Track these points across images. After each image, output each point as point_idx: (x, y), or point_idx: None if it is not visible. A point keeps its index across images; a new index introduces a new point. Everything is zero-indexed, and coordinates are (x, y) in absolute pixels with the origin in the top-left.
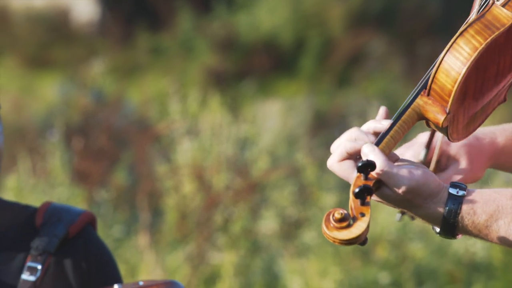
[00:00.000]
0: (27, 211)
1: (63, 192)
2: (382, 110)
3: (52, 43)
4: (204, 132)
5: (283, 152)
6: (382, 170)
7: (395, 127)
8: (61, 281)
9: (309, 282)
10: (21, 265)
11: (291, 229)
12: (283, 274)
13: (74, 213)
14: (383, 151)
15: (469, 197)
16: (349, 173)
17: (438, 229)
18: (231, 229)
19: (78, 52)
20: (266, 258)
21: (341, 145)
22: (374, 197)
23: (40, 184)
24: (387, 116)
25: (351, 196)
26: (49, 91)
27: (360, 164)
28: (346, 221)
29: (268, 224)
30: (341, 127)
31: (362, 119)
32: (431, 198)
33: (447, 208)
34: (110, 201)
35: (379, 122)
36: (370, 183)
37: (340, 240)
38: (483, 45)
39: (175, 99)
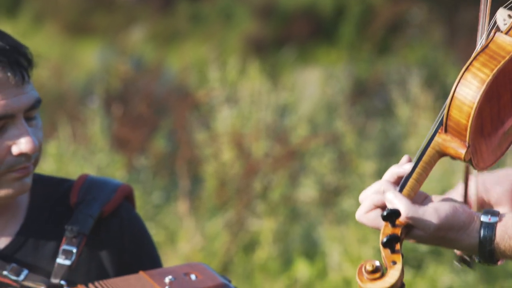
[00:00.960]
0: (62, 187)
1: (102, 159)
2: (405, 158)
3: (92, 10)
4: (243, 100)
5: (322, 120)
6: (407, 216)
7: (417, 169)
8: (97, 262)
9: (348, 249)
10: (55, 248)
11: (330, 197)
12: (322, 241)
13: (110, 188)
14: (408, 195)
15: (502, 222)
16: (377, 222)
17: (477, 259)
18: (270, 196)
19: (118, 19)
20: (305, 225)
21: (368, 198)
22: (411, 239)
23: (80, 150)
24: (410, 161)
25: (380, 246)
26: (89, 58)
27: (384, 214)
28: (378, 272)
29: (307, 192)
30: (381, 95)
31: (402, 87)
32: (464, 230)
33: (481, 236)
34: (150, 168)
35: (401, 166)
36: (398, 230)
37: None
38: (490, 77)
39: (215, 66)
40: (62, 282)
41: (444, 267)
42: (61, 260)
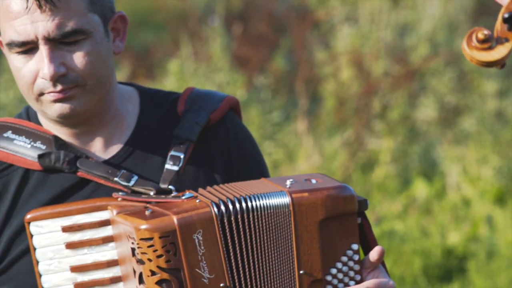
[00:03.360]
0: (170, 98)
1: (223, 77)
2: None
3: None
4: (363, 18)
5: (443, 39)
6: None
7: None
8: (203, 169)
9: (467, 169)
10: (164, 155)
11: (450, 116)
12: (441, 161)
13: (216, 99)
14: None
15: None
16: None
17: None
18: (389, 115)
19: None
20: (423, 145)
21: None
22: None
23: (201, 68)
24: None
25: (499, 18)
26: None
27: None
28: (488, 42)
29: (426, 111)
30: None
31: None
32: None
33: None
34: (269, 87)
35: None
36: None
37: (478, 60)
38: None
39: None
40: (171, 187)
41: None
42: (169, 165)
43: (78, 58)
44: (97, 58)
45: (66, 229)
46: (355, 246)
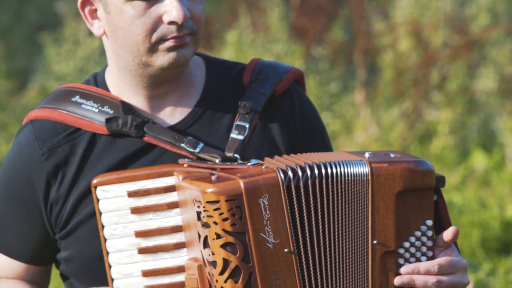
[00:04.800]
0: (236, 69)
1: (281, 48)
2: None
3: None
4: None
5: (504, 9)
6: None
7: None
8: (267, 139)
9: None
10: (230, 124)
11: (509, 87)
12: (500, 132)
13: (281, 70)
14: None
15: None
16: None
17: None
18: (447, 86)
19: None
20: (482, 116)
21: None
22: None
23: (259, 39)
24: None
25: None
26: None
27: None
28: None
29: (485, 82)
30: None
31: None
32: None
33: None
34: (327, 57)
35: None
36: None
37: None
38: None
39: None
40: (236, 155)
41: None
42: (234, 134)
43: (196, 6)
44: (204, 9)
45: (132, 194)
46: (429, 222)
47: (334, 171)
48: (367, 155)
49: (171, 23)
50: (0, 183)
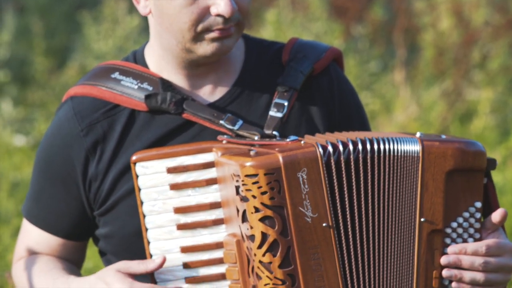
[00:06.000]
0: (274, 48)
1: (320, 27)
2: None
3: None
4: None
5: None
6: None
7: None
8: (306, 117)
9: None
10: (268, 102)
11: None
12: None
13: (320, 49)
14: None
15: None
16: None
17: None
18: (489, 65)
19: None
20: None
21: None
22: None
23: (299, 18)
24: None
25: None
26: None
27: None
28: None
29: None
30: None
31: None
32: None
33: None
34: (367, 36)
35: None
36: None
37: None
38: None
39: None
40: (275, 133)
41: None
42: (273, 112)
43: None
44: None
45: (171, 170)
46: (478, 204)
47: (383, 147)
48: (418, 134)
49: (218, 15)
50: (38, 158)
